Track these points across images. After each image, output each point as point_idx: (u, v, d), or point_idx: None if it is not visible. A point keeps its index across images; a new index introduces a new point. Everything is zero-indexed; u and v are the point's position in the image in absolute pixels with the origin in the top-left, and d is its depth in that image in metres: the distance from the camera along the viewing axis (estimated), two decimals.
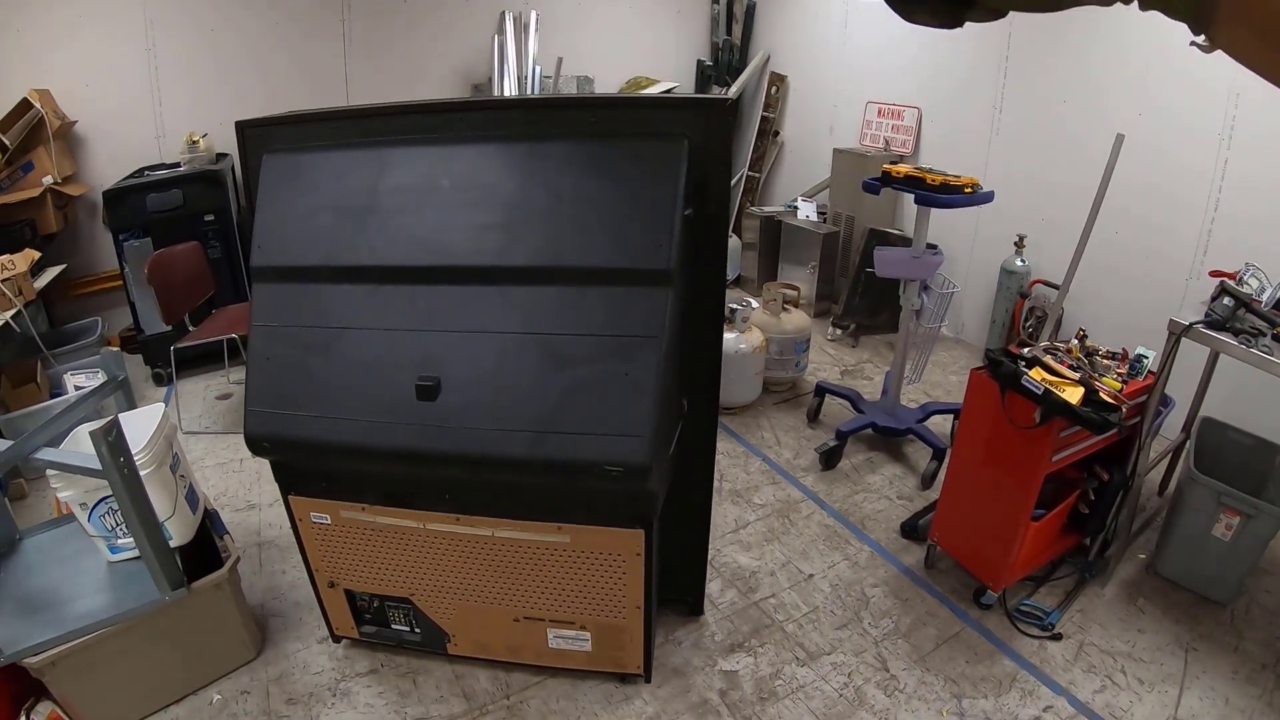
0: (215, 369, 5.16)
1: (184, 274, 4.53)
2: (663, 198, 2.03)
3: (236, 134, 2.39)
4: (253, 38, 5.74)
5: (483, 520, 2.32)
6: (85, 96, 5.32)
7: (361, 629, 2.73)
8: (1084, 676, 2.77)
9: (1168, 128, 4.20)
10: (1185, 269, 4.23)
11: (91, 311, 5.44)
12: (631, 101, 2.95)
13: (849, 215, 6.08)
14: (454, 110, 2.31)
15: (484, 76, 6.53)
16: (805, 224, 6.26)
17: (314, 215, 2.22)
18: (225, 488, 3.95)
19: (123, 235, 4.95)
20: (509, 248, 2.09)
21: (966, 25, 0.63)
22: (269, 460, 2.41)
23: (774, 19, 7.11)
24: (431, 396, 2.05)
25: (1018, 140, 5.16)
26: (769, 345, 4.68)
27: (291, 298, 2.23)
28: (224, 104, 5.55)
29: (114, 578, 2.54)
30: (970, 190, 3.59)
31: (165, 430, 2.55)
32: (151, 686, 2.60)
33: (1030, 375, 2.68)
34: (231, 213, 5.23)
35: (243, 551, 3.27)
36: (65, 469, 2.27)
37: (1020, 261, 5.04)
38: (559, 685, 2.70)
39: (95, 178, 5.43)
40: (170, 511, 2.48)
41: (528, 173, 2.15)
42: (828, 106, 6.66)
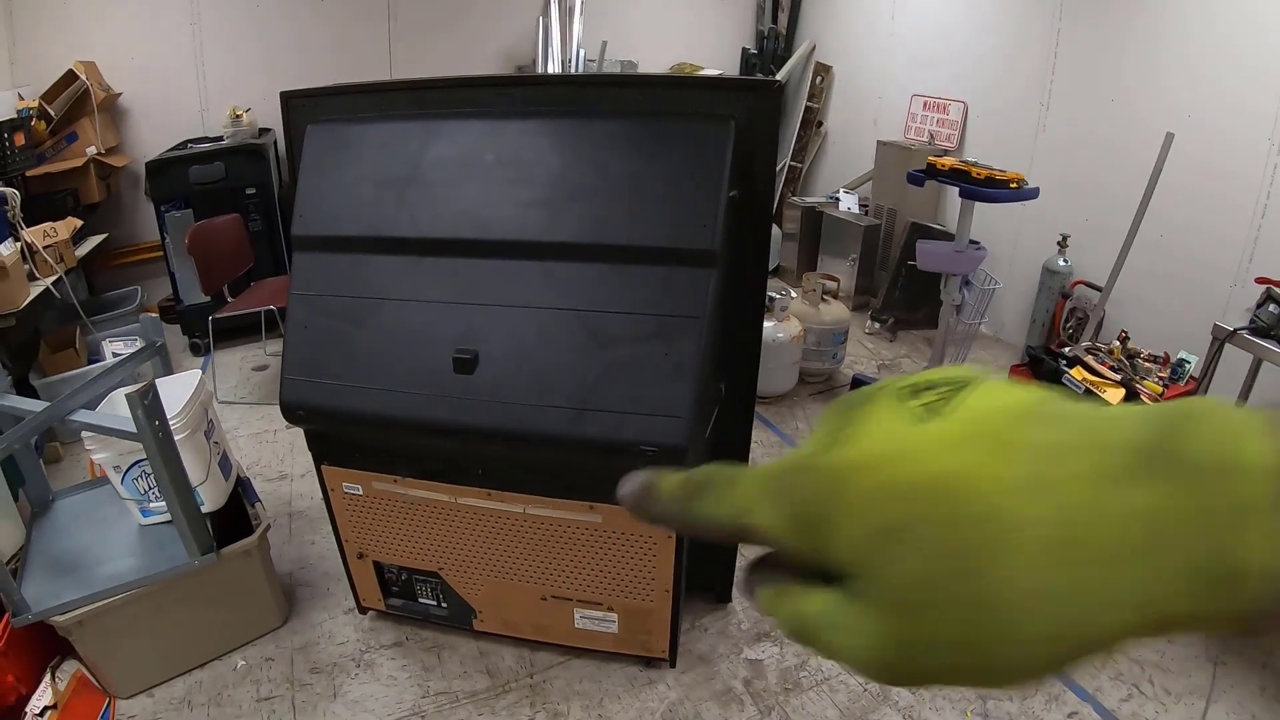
0: (253, 341, 5.20)
1: (224, 246, 4.57)
2: (708, 178, 2.00)
3: (281, 104, 2.39)
4: (298, 15, 5.78)
5: (515, 497, 2.31)
6: (130, 69, 5.38)
7: (389, 601, 2.73)
8: (1111, 684, 2.72)
9: (1217, 131, 4.10)
10: (1231, 275, 4.14)
11: (131, 281, 5.51)
12: (678, 81, 2.93)
13: (891, 209, 6.01)
14: (500, 85, 2.31)
15: (528, 59, 6.52)
16: (847, 216, 6.19)
17: (357, 186, 2.22)
18: (259, 457, 3.98)
19: (164, 206, 5.00)
20: (552, 223, 2.07)
21: (1014, 21, 0.60)
22: (303, 429, 2.42)
23: (820, 8, 7.03)
24: (469, 370, 2.04)
25: (1064, 139, 5.07)
26: (807, 335, 4.64)
27: (331, 267, 2.23)
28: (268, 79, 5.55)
29: (144, 541, 2.56)
30: (1015, 186, 3.53)
31: (201, 396, 2.56)
32: (177, 649, 2.63)
33: (1071, 374, 2.64)
34: (273, 186, 5.27)
35: (273, 521, 3.29)
36: (101, 431, 2.28)
37: (1063, 261, 4.96)
38: (583, 666, 2.70)
39: (138, 149, 5.49)
40: (203, 477, 2.50)
41: (573, 149, 2.13)
42: (872, 98, 6.59)
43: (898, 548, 0.32)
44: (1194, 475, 0.29)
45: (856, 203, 6.25)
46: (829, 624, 0.36)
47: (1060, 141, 5.10)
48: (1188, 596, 0.29)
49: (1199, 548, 0.28)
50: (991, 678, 0.32)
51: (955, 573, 0.31)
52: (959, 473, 0.32)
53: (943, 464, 0.32)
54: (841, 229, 6.25)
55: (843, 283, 5.54)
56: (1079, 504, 0.30)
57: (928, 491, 0.32)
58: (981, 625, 0.31)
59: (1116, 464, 0.30)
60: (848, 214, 6.20)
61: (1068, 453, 0.31)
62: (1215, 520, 0.28)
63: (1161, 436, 0.30)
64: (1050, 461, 0.31)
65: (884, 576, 0.33)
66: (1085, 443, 0.31)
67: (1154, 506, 0.29)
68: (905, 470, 0.33)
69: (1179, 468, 0.29)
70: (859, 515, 0.33)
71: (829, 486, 0.35)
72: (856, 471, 0.34)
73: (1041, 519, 0.30)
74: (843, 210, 6.25)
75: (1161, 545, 0.29)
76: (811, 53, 6.99)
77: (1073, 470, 0.30)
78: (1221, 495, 0.28)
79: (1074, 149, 5.00)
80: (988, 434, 0.33)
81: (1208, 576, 0.28)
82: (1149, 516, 0.29)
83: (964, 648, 0.32)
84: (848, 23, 6.78)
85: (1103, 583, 0.29)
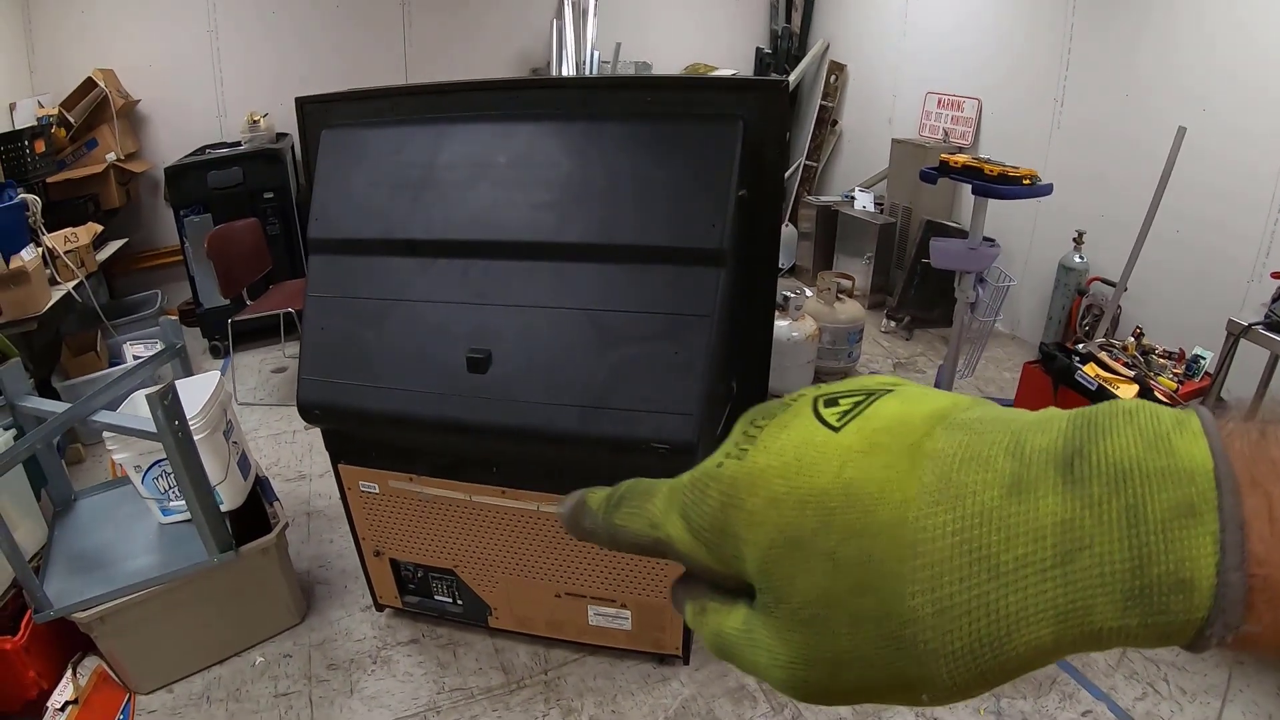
0: (271, 343, 5.26)
1: (243, 249, 4.62)
2: (717, 178, 2.02)
3: (296, 110, 2.42)
4: (314, 22, 5.83)
5: (529, 494, 2.33)
6: (148, 76, 5.45)
7: (405, 599, 2.76)
8: (1125, 683, 2.71)
9: (1231, 126, 4.07)
10: (1247, 270, 4.11)
11: (151, 285, 5.57)
12: (687, 82, 2.95)
13: (906, 207, 6.00)
14: (511, 89, 2.33)
15: (543, 61, 6.55)
16: (862, 214, 6.19)
17: (371, 189, 2.25)
18: (278, 458, 4.03)
19: (183, 211, 5.06)
20: (563, 224, 2.09)
21: (1027, 16, 0.60)
22: (320, 429, 2.45)
23: (833, 6, 7.02)
24: (482, 369, 2.07)
25: (1079, 134, 5.04)
26: (822, 334, 4.64)
27: (347, 269, 2.26)
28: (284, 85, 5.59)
29: (164, 539, 2.60)
30: (1029, 182, 3.52)
31: (220, 397, 2.60)
32: (196, 646, 2.67)
33: (1084, 371, 2.64)
34: (290, 190, 5.32)
35: (292, 520, 3.32)
36: (122, 431, 2.32)
37: (1078, 258, 4.94)
38: (597, 663, 2.72)
39: (157, 155, 5.55)
40: (222, 476, 2.53)
41: (583, 151, 2.15)
42: (887, 96, 6.58)
43: (800, 560, 0.31)
44: (1117, 480, 0.27)
45: (872, 201, 6.24)
46: (746, 642, 0.34)
47: (1075, 137, 5.08)
48: (1112, 609, 0.27)
49: (1121, 557, 0.27)
50: (912, 695, 0.31)
51: (859, 586, 0.30)
52: (865, 481, 0.31)
53: (849, 473, 0.31)
54: (857, 228, 6.25)
55: (858, 281, 5.54)
56: (988, 513, 0.28)
57: (832, 500, 0.31)
58: (889, 642, 0.29)
59: (1031, 472, 0.29)
60: (863, 212, 6.20)
61: (980, 461, 0.30)
62: (1142, 527, 0.26)
63: (1081, 441, 0.29)
64: (961, 469, 0.29)
65: (788, 590, 0.32)
66: (999, 450, 0.30)
67: (1069, 515, 0.27)
68: (809, 479, 0.32)
69: (1099, 473, 0.28)
70: (761, 526, 0.32)
71: (731, 496, 0.34)
72: (759, 480, 0.33)
73: (949, 529, 0.28)
74: (858, 209, 6.25)
75: (1076, 556, 0.27)
76: (825, 52, 6.99)
77: (983, 479, 0.29)
78: (1151, 501, 0.27)
79: (1089, 144, 4.98)
80: (897, 443, 0.31)
81: (1136, 587, 0.26)
82: (1063, 525, 0.27)
83: (874, 665, 0.30)
84: (861, 21, 6.77)
85: (1014, 596, 0.27)
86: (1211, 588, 0.26)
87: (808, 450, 0.33)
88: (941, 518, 0.29)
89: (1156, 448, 0.28)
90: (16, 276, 3.63)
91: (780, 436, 0.34)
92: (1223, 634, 0.26)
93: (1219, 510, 0.26)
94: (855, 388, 0.35)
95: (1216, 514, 0.26)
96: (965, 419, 0.32)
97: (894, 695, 0.31)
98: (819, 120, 7.04)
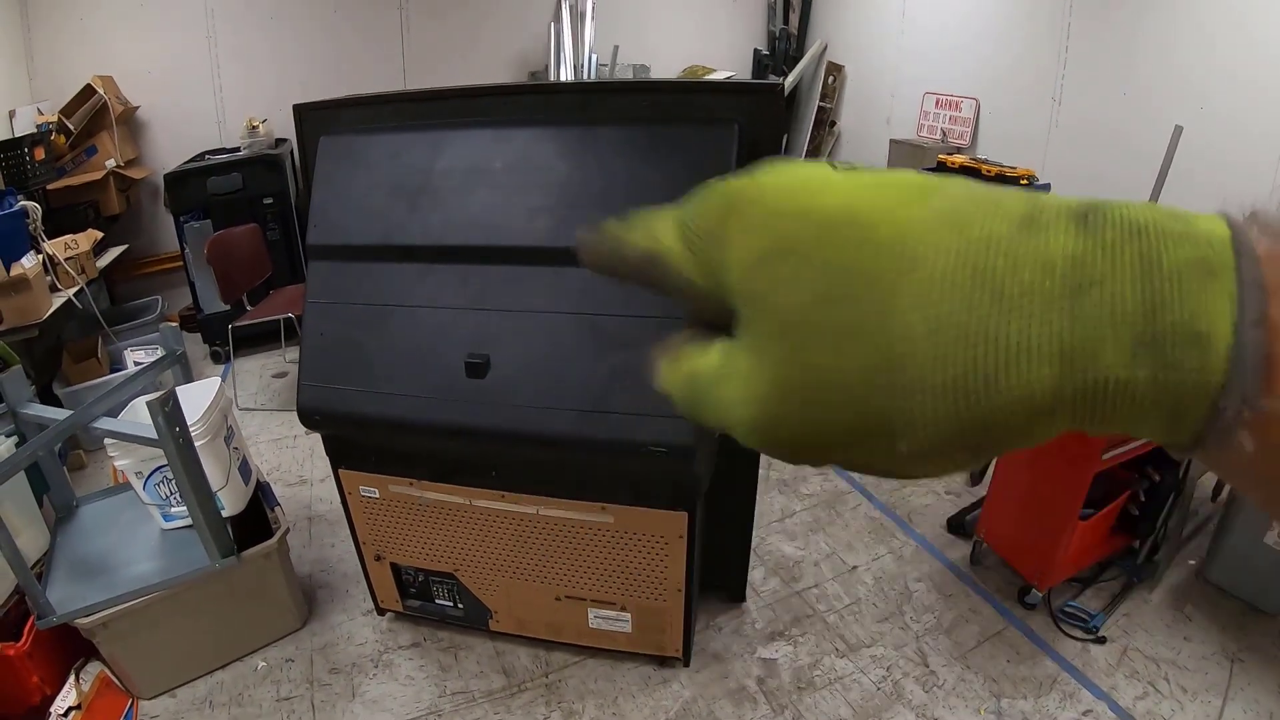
0: (272, 348, 5.27)
1: (243, 255, 4.63)
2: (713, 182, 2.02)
3: (294, 117, 2.43)
4: (312, 28, 5.85)
5: (528, 498, 2.34)
6: (147, 83, 5.46)
7: (406, 602, 2.77)
8: (1126, 682, 2.71)
9: (1229, 124, 4.09)
10: None
11: (152, 291, 5.59)
12: (683, 86, 2.95)
13: None
14: (508, 94, 2.33)
15: (541, 65, 6.57)
16: None
17: (369, 195, 2.26)
18: (279, 463, 4.04)
19: (183, 217, 5.08)
20: (560, 229, 2.10)
21: (1025, 15, 0.60)
22: (320, 434, 2.46)
23: (831, 7, 7.05)
24: (480, 374, 2.08)
25: (1077, 133, 5.06)
26: None
27: (346, 275, 2.27)
28: (283, 91, 5.64)
29: (166, 545, 2.60)
30: (1026, 182, 3.54)
31: (220, 403, 2.61)
32: (198, 651, 2.68)
33: None
34: (290, 196, 5.33)
35: (293, 525, 3.33)
36: (123, 438, 2.33)
37: None
38: (598, 665, 2.72)
39: (157, 161, 5.57)
40: (223, 482, 2.54)
41: (580, 156, 2.16)
42: (885, 97, 6.60)
43: (792, 267, 0.30)
44: (1132, 231, 0.26)
45: None
46: (717, 377, 0.33)
47: (1073, 136, 5.09)
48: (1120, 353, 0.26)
49: (1133, 299, 0.25)
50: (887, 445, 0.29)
51: (850, 296, 0.28)
52: (872, 207, 0.30)
53: (857, 196, 0.30)
54: None
55: None
56: (997, 239, 0.27)
57: (835, 215, 0.30)
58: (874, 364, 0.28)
59: (1045, 214, 0.28)
60: None
61: (992, 201, 0.29)
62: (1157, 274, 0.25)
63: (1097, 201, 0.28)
64: (973, 204, 0.29)
65: (772, 300, 0.30)
66: (1014, 198, 0.29)
67: (1081, 252, 0.26)
68: (815, 196, 0.31)
69: (1113, 224, 0.27)
70: (756, 231, 0.31)
71: (733, 204, 0.32)
72: (765, 193, 0.32)
73: (954, 250, 0.27)
74: None
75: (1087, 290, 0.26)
76: (823, 53, 6.99)
77: (994, 211, 0.28)
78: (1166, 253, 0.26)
79: (1087, 143, 4.99)
80: (910, 182, 0.30)
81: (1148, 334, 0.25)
82: (1075, 258, 0.26)
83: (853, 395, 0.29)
84: (859, 22, 6.79)
85: (1017, 323, 0.26)
86: (1229, 345, 0.25)
87: (818, 177, 0.32)
88: (947, 238, 0.28)
89: (1174, 215, 0.27)
90: (17, 284, 3.64)
91: (792, 166, 0.33)
92: (1239, 407, 0.25)
93: (1237, 271, 0.25)
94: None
95: (1234, 275, 0.25)
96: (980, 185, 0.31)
97: (868, 442, 0.30)
98: (817, 121, 7.04)
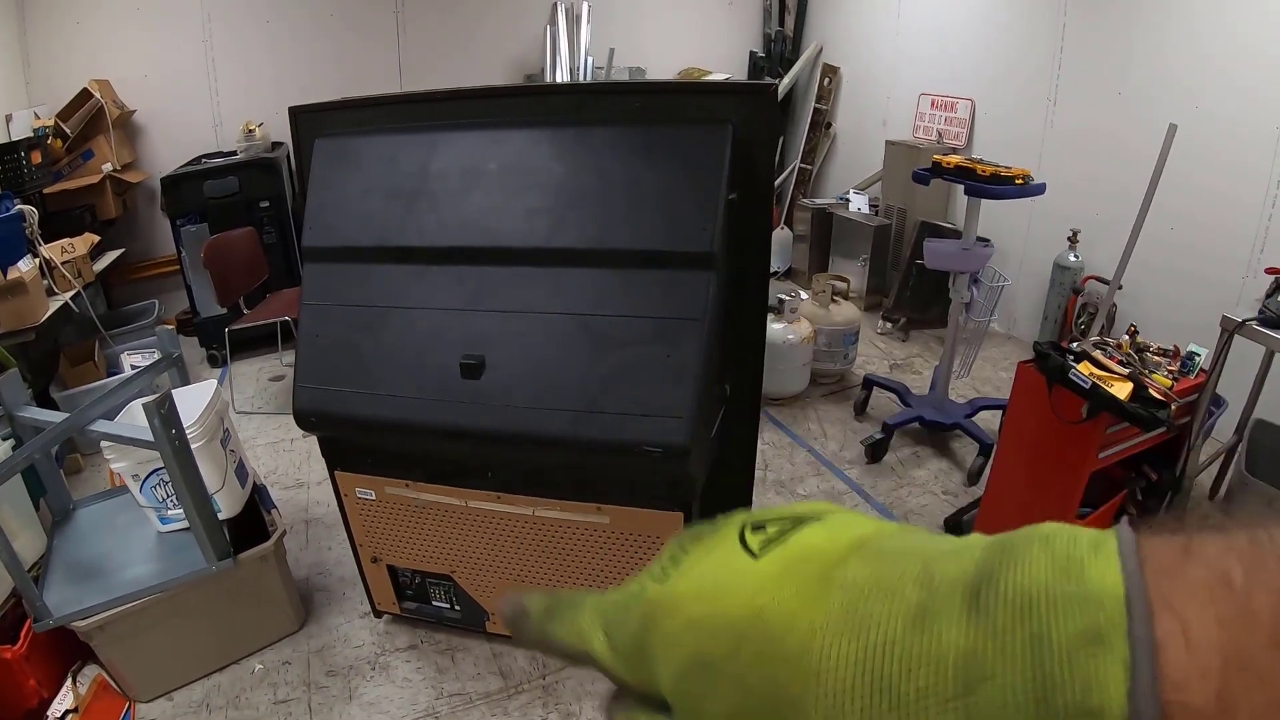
0: (269, 351, 5.27)
1: (239, 258, 4.64)
2: (707, 182, 2.03)
3: (290, 119, 2.44)
4: (308, 31, 5.85)
5: (524, 499, 2.34)
6: (144, 87, 5.47)
7: (403, 604, 2.77)
8: None
9: (1224, 123, 4.09)
10: (1241, 266, 4.12)
11: (149, 295, 5.59)
12: (677, 87, 2.96)
13: (901, 208, 6.02)
14: (503, 96, 2.34)
15: (537, 67, 6.57)
16: (857, 216, 6.20)
17: (364, 198, 2.26)
18: (276, 466, 4.04)
19: (180, 221, 5.09)
20: (555, 230, 2.10)
21: (1020, 16, 0.58)
22: (317, 436, 2.46)
23: (826, 9, 7.04)
24: (475, 375, 2.08)
25: (1073, 133, 5.06)
26: (817, 337, 4.65)
27: (341, 277, 2.28)
28: (280, 94, 5.64)
29: (163, 547, 2.61)
30: (1021, 181, 3.54)
31: (216, 406, 2.61)
32: (195, 653, 2.68)
33: (1078, 369, 2.63)
34: (286, 199, 5.34)
35: (290, 527, 3.34)
36: (119, 440, 2.33)
37: (1073, 257, 4.96)
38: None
39: (154, 165, 5.58)
40: (219, 484, 2.54)
41: (574, 157, 2.16)
42: (880, 98, 6.60)
43: (711, 682, 0.31)
44: (1022, 609, 0.26)
45: (866, 203, 6.25)
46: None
47: (1069, 136, 5.10)
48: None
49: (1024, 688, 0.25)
50: None
51: (766, 710, 0.30)
52: (776, 609, 0.31)
53: (761, 600, 0.31)
54: (852, 230, 6.27)
55: (854, 283, 5.56)
56: (891, 644, 0.28)
57: (743, 626, 0.31)
58: None
59: (938, 602, 0.28)
60: (858, 215, 6.21)
61: (887, 591, 0.29)
62: (1047, 657, 0.25)
63: (992, 568, 0.28)
64: (868, 600, 0.29)
65: (699, 711, 0.32)
66: (908, 581, 0.29)
67: (971, 646, 0.26)
68: (722, 605, 0.32)
69: (1005, 602, 0.27)
70: (676, 648, 0.33)
71: (651, 618, 0.35)
72: (677, 604, 0.34)
73: (851, 659, 0.28)
74: (853, 211, 6.26)
75: (979, 687, 0.26)
76: (818, 55, 7.01)
77: (889, 609, 0.29)
78: (1056, 629, 0.26)
79: (1083, 143, 5.00)
80: (809, 572, 0.32)
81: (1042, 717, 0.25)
82: (966, 656, 0.26)
83: None
84: (854, 23, 6.79)
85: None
86: (1123, 714, 0.24)
87: (726, 576, 0.34)
88: (846, 648, 0.28)
89: (1068, 573, 0.27)
90: (14, 287, 3.64)
91: (702, 562, 0.35)
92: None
93: (1128, 635, 0.25)
94: (785, 514, 0.36)
95: (1125, 639, 0.25)
96: (882, 548, 0.32)
97: None
98: (813, 123, 7.06)
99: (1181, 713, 0.24)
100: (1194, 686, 0.24)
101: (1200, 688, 0.24)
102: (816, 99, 6.99)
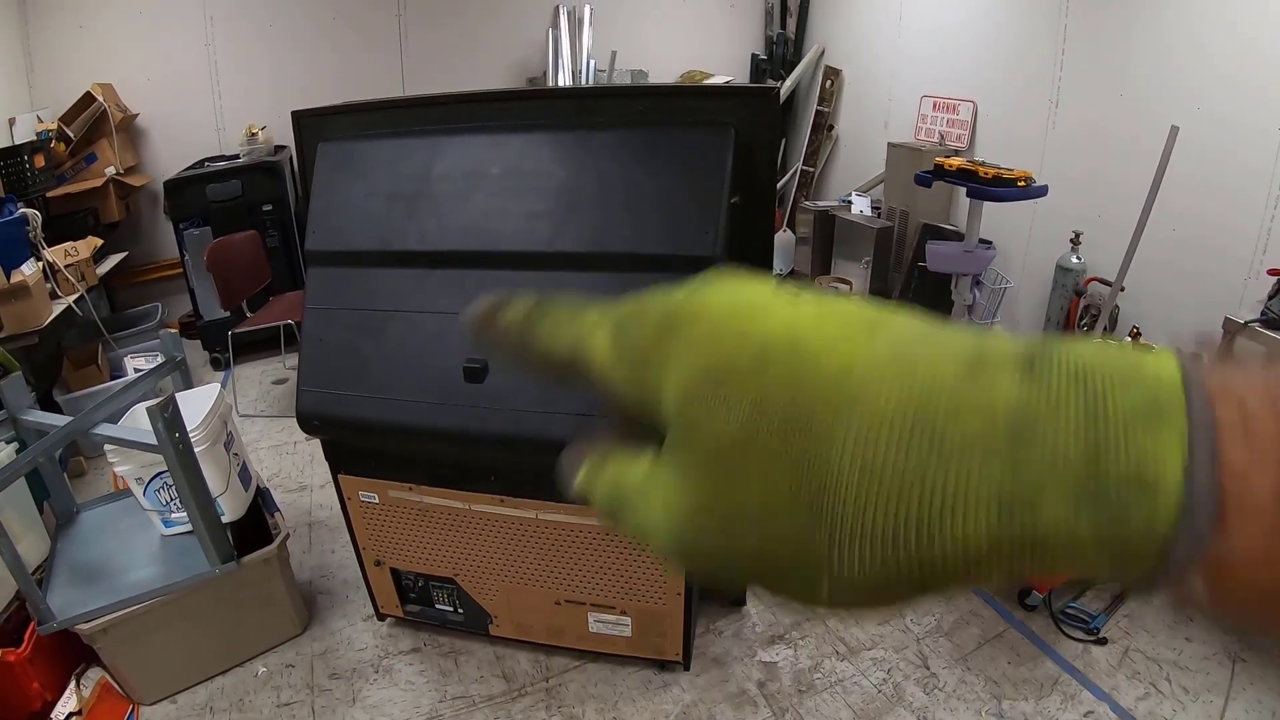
0: (272, 355, 5.28)
1: (242, 262, 4.64)
2: (709, 185, 2.03)
3: (293, 123, 2.44)
4: (311, 34, 5.86)
5: (527, 502, 2.35)
6: (147, 90, 5.48)
7: (406, 608, 2.77)
8: (1127, 683, 2.71)
9: (1228, 122, 4.09)
10: (1243, 268, 4.11)
11: (152, 298, 5.60)
12: (678, 91, 2.96)
13: (903, 210, 6.01)
14: (505, 100, 2.34)
15: (539, 71, 6.57)
16: (859, 219, 6.20)
17: (367, 201, 2.27)
18: (279, 469, 4.04)
19: (183, 224, 5.10)
20: (557, 234, 2.10)
21: (1021, 17, 0.56)
22: (320, 439, 2.47)
23: (828, 12, 7.04)
24: (479, 379, 2.08)
25: (1074, 135, 5.05)
26: None
27: (344, 281, 2.28)
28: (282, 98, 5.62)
29: (166, 551, 2.61)
30: (1023, 184, 3.54)
31: (220, 409, 2.61)
32: (199, 656, 2.68)
33: None
34: (289, 203, 5.35)
35: (293, 530, 3.34)
36: (122, 443, 2.34)
37: (1076, 258, 4.94)
38: (598, 670, 2.72)
39: (157, 168, 5.58)
40: (223, 488, 2.54)
41: (576, 161, 2.17)
42: (882, 100, 6.59)
43: (727, 393, 0.29)
44: (1078, 376, 0.25)
45: (869, 205, 6.25)
46: (641, 490, 0.33)
47: (1071, 138, 5.09)
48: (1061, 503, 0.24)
49: (1076, 448, 0.24)
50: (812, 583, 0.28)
51: (782, 431, 0.28)
52: (813, 336, 0.29)
53: (802, 327, 0.29)
54: (854, 232, 6.27)
55: (856, 285, 5.55)
56: (940, 384, 0.26)
57: (778, 342, 0.29)
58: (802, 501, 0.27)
59: (990, 359, 0.27)
60: (860, 217, 6.21)
61: (938, 342, 0.28)
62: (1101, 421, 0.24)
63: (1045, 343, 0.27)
64: (920, 344, 0.28)
65: (704, 426, 0.29)
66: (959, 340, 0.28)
67: (1026, 399, 0.25)
68: (759, 322, 0.30)
69: (1059, 370, 0.26)
70: (695, 352, 0.30)
71: (672, 321, 0.32)
72: (705, 313, 0.31)
73: (896, 393, 0.26)
74: (855, 213, 6.26)
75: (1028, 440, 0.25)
76: (821, 57, 7.01)
77: (940, 353, 0.27)
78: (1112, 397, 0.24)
79: (1085, 145, 4.98)
80: (856, 315, 0.30)
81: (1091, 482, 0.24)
82: (1019, 406, 0.25)
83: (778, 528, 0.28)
84: (856, 26, 6.79)
85: (955, 471, 0.25)
86: (1178, 490, 0.23)
87: (760, 301, 0.31)
88: (890, 380, 0.27)
89: (1122, 356, 0.26)
90: (17, 291, 3.65)
91: (735, 285, 0.33)
92: (1190, 551, 0.23)
93: (1187, 411, 0.24)
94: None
95: (1184, 414, 0.24)
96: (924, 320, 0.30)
97: (791, 576, 0.29)
98: (815, 125, 7.06)
99: (1237, 505, 0.23)
100: (1254, 478, 0.23)
101: (1260, 481, 0.23)
102: (818, 101, 6.99)
